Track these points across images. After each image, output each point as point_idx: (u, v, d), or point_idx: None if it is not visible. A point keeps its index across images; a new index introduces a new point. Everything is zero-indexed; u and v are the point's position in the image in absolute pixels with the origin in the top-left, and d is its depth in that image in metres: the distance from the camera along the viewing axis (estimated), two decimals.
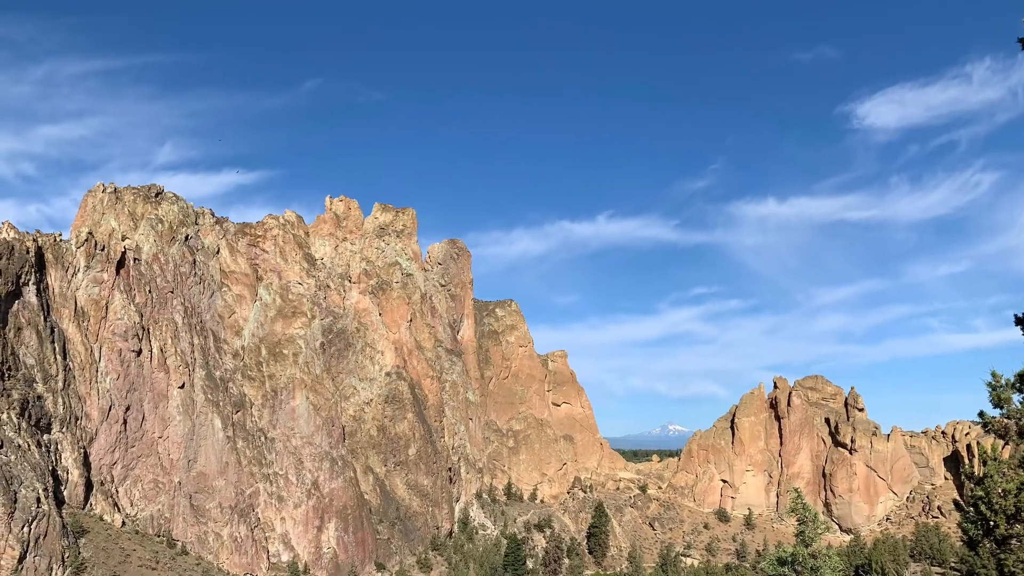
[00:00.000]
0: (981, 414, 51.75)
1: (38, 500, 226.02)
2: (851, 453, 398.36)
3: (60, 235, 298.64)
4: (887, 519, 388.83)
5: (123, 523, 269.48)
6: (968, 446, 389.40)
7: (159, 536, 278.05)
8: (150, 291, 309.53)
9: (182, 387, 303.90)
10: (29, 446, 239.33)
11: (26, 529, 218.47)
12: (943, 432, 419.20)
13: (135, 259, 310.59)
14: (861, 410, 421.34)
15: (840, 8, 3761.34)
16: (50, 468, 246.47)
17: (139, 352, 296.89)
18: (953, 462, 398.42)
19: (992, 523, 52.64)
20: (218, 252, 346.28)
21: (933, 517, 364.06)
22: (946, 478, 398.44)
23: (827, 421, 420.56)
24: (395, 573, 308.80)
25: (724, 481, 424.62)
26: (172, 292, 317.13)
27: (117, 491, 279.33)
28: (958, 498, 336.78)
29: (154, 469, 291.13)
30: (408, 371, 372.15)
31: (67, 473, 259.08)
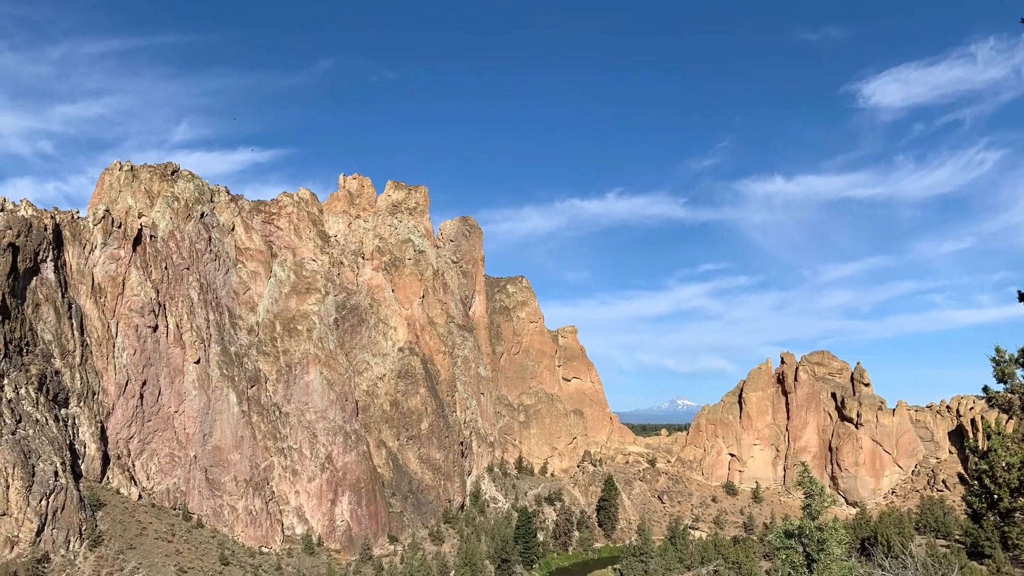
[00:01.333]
0: (985, 389, 52.22)
1: (56, 474, 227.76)
2: (857, 427, 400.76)
3: (77, 212, 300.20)
4: (892, 492, 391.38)
5: (139, 496, 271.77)
6: (972, 420, 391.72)
7: (175, 509, 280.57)
8: (166, 268, 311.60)
9: (198, 362, 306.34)
10: (47, 420, 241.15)
11: (44, 502, 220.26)
12: (948, 407, 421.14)
13: (151, 236, 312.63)
14: (867, 385, 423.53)
15: None
16: (67, 442, 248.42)
17: (155, 328, 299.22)
18: (957, 436, 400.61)
19: (996, 496, 53.16)
20: (233, 229, 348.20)
21: (938, 490, 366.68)
22: (950, 452, 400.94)
23: (833, 396, 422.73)
24: (407, 545, 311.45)
25: (732, 455, 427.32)
26: (188, 269, 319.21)
27: (134, 465, 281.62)
28: (962, 472, 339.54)
29: (170, 443, 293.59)
30: (420, 346, 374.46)
31: (84, 447, 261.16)
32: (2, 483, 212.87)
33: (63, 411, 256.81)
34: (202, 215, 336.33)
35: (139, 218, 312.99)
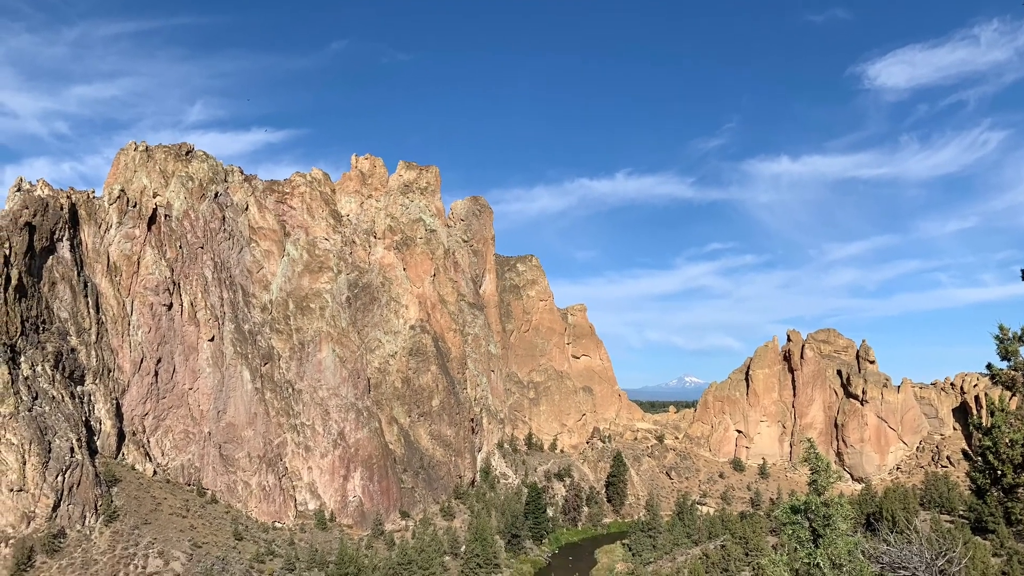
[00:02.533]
0: (989, 366, 52.67)
1: (71, 450, 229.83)
2: (862, 404, 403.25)
3: (93, 192, 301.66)
4: (897, 468, 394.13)
5: (154, 472, 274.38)
6: (976, 397, 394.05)
7: (189, 485, 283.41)
8: (181, 247, 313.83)
9: (212, 340, 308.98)
10: (63, 397, 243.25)
11: (60, 478, 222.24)
12: (952, 384, 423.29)
13: (166, 215, 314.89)
14: (872, 362, 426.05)
15: None
16: (83, 419, 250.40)
17: (170, 306, 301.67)
18: (961, 413, 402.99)
19: (999, 472, 53.95)
20: (247, 209, 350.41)
21: (942, 466, 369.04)
22: (955, 428, 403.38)
23: (839, 373, 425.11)
24: (419, 521, 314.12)
25: (739, 431, 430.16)
26: (202, 248, 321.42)
27: (148, 441, 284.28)
28: (966, 448, 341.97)
29: (184, 420, 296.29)
30: (432, 324, 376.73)
31: (100, 424, 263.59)
32: (19, 459, 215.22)
33: (79, 388, 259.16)
34: (216, 195, 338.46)
35: (154, 198, 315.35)
